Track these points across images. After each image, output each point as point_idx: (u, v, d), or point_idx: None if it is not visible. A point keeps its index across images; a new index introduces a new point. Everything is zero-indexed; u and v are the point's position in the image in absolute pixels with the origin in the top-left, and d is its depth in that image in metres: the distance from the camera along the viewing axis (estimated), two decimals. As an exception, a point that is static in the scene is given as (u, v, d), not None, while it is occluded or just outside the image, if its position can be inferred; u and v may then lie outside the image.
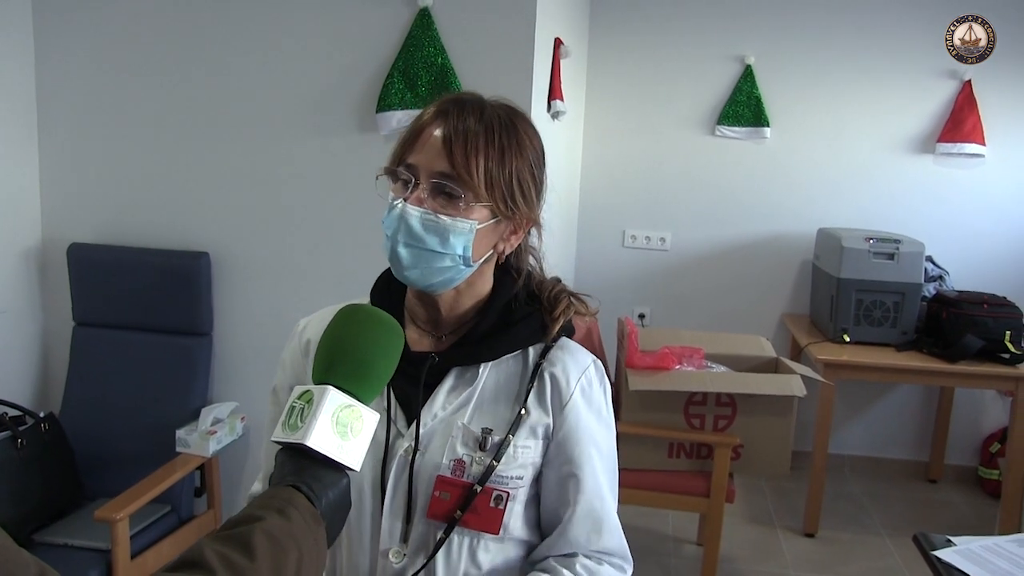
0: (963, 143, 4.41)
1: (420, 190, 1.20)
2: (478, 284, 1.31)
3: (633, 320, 4.62)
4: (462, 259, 1.23)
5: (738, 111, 4.56)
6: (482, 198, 1.21)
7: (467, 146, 1.20)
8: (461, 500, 1.25)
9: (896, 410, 4.75)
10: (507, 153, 1.23)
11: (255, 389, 3.15)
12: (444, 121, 1.22)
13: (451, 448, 1.26)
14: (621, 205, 4.74)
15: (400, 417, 1.29)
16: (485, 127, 1.22)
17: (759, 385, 3.13)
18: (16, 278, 3.15)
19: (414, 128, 1.24)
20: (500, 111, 1.26)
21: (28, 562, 0.73)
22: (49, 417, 2.91)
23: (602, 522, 1.31)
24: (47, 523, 2.77)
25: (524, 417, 1.28)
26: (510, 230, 1.29)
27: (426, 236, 1.20)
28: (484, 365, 1.31)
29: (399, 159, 1.24)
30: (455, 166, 1.19)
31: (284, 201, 3.12)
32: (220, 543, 0.87)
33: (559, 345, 1.34)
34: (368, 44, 2.97)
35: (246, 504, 1.43)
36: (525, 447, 1.28)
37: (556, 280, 1.40)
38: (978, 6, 4.36)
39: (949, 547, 1.99)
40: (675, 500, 3.20)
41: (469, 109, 1.24)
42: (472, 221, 1.21)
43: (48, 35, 3.11)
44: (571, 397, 1.30)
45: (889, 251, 4.01)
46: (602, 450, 1.33)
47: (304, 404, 1.03)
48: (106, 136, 3.16)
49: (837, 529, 4.06)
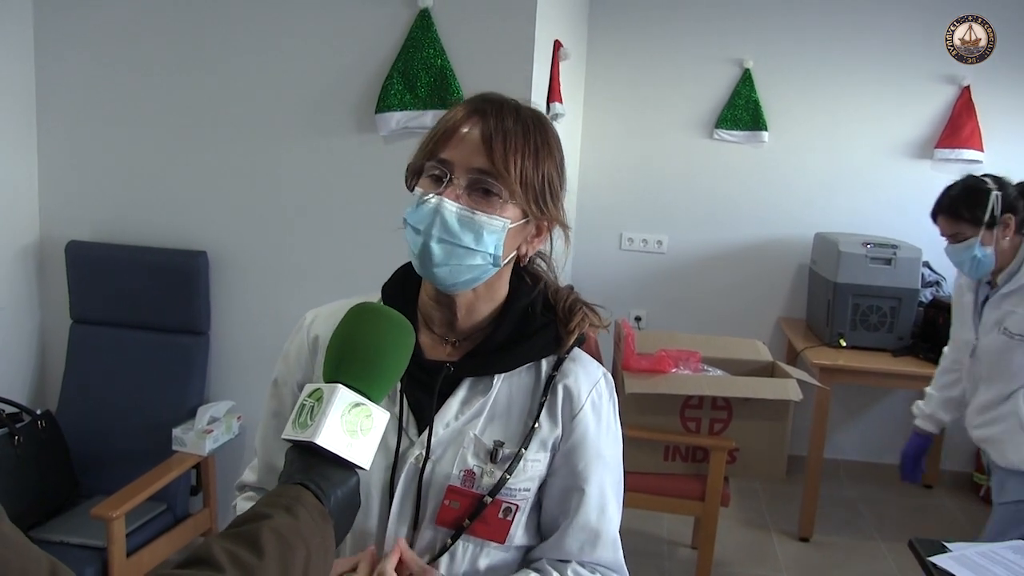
0: (961, 149, 4.42)
1: (456, 186, 1.19)
2: (496, 287, 1.30)
3: (630, 323, 4.63)
4: (492, 258, 1.22)
5: (736, 115, 4.57)
6: (517, 197, 1.21)
7: (506, 144, 1.19)
8: (470, 510, 1.25)
9: (892, 415, 4.74)
10: (540, 153, 1.23)
11: (252, 388, 3.15)
12: (482, 119, 1.21)
13: (462, 458, 1.25)
14: (618, 207, 4.74)
15: (412, 425, 1.28)
16: (522, 127, 1.22)
17: (755, 389, 3.14)
18: (14, 275, 3.14)
19: (447, 125, 1.23)
20: (530, 113, 1.26)
21: (40, 557, 0.73)
22: (46, 415, 2.91)
23: (598, 536, 1.31)
24: (43, 520, 2.77)
25: (536, 431, 1.28)
26: (533, 232, 1.29)
27: (461, 232, 1.19)
28: (498, 376, 1.30)
29: (430, 154, 1.23)
30: (494, 163, 1.18)
31: (283, 201, 3.12)
32: (228, 541, 0.87)
33: (571, 357, 1.34)
34: (368, 45, 2.97)
35: (236, 490, 1.44)
36: (535, 460, 1.28)
37: (570, 288, 1.39)
38: (978, 6, 4.37)
39: (945, 553, 2.00)
40: (670, 503, 3.20)
41: (507, 109, 1.23)
42: (505, 219, 1.21)
43: (48, 32, 3.11)
44: (581, 409, 1.30)
45: (886, 256, 4.02)
46: (608, 464, 1.33)
47: (314, 402, 1.02)
48: (105, 134, 3.16)
49: (832, 533, 4.07)
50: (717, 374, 3.28)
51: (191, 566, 0.83)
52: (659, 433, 3.15)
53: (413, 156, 1.28)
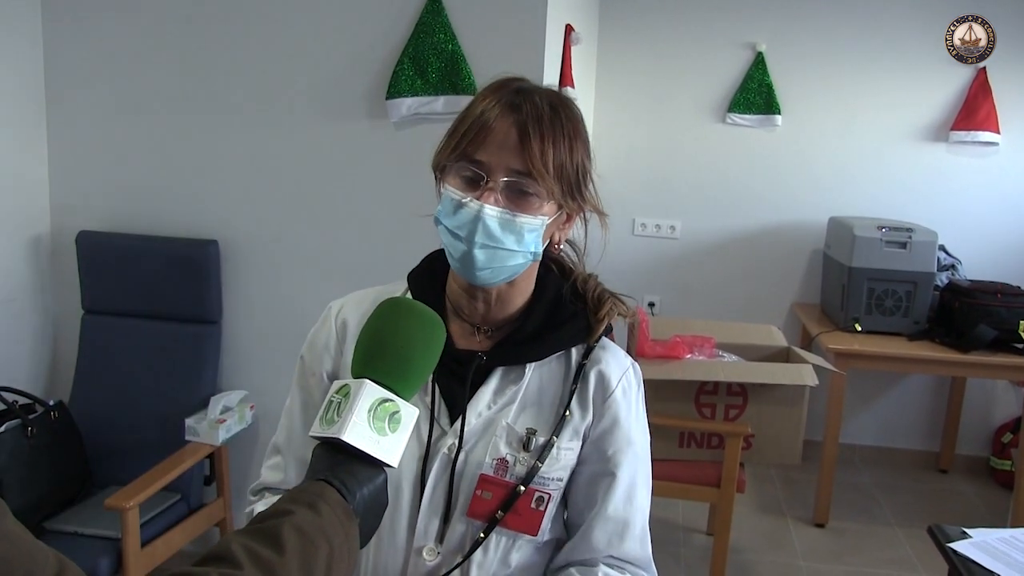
0: (977, 131, 4.37)
1: (493, 189, 1.16)
2: (528, 275, 1.28)
3: (643, 309, 4.61)
4: (532, 255, 1.22)
5: (749, 98, 4.53)
6: (554, 194, 1.19)
7: (543, 143, 1.16)
8: (503, 500, 1.23)
9: (907, 400, 4.73)
10: (574, 143, 1.20)
11: (264, 377, 3.15)
12: (515, 115, 1.17)
13: (494, 447, 1.24)
14: (631, 193, 4.71)
15: (444, 414, 1.27)
16: (554, 119, 1.19)
17: (771, 374, 3.12)
18: (25, 266, 3.14)
19: (478, 120, 1.18)
20: (558, 99, 1.22)
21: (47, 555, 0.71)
22: (59, 405, 2.91)
23: (626, 527, 1.29)
24: (57, 511, 2.77)
25: (568, 419, 1.27)
26: (564, 219, 1.27)
27: (503, 236, 1.17)
28: (529, 365, 1.29)
29: (462, 154, 1.19)
30: (533, 164, 1.16)
31: (294, 189, 3.10)
32: (248, 537, 0.85)
33: (601, 345, 1.33)
34: (378, 30, 2.95)
35: (250, 495, 1.40)
36: (568, 449, 1.27)
37: (597, 279, 1.37)
38: (980, 6, 4.34)
39: (965, 539, 1.98)
40: (685, 490, 3.18)
41: (539, 101, 1.19)
42: (544, 217, 1.20)
43: (57, 22, 3.10)
44: (612, 394, 1.29)
45: (901, 240, 3.98)
46: (638, 453, 1.31)
47: (341, 398, 1.00)
48: (114, 123, 3.14)
49: (847, 519, 4.05)
50: (732, 360, 3.25)
51: (209, 563, 0.81)
52: (674, 419, 3.13)
53: (440, 149, 1.24)
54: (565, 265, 1.36)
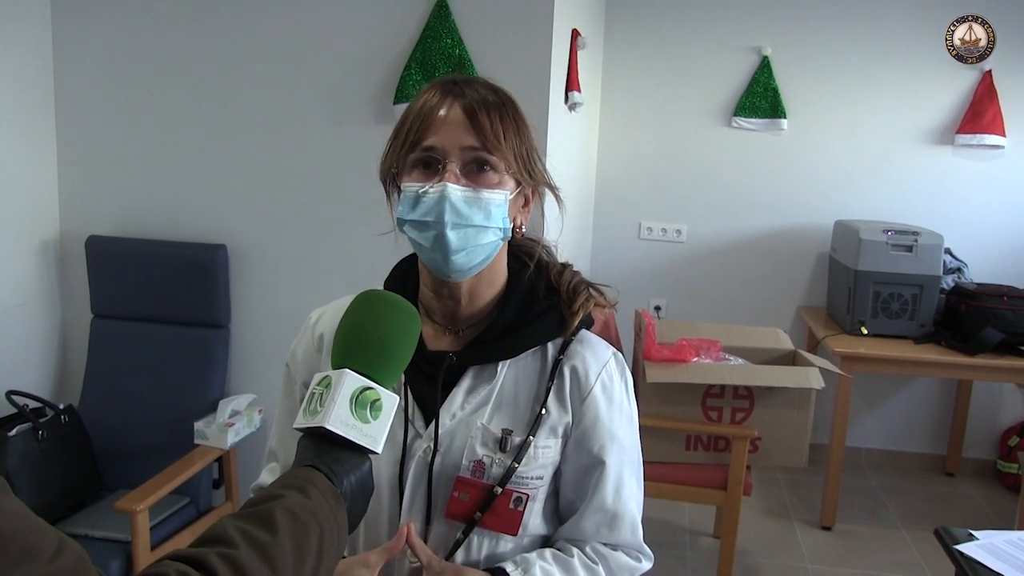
0: (983, 134, 4.37)
1: (451, 169, 1.18)
2: (496, 268, 1.28)
3: (649, 312, 4.62)
4: (502, 232, 1.22)
5: (755, 103, 4.54)
6: (511, 167, 1.20)
7: (491, 117, 1.18)
8: (481, 501, 1.23)
9: (913, 403, 4.72)
10: (519, 123, 1.23)
11: (273, 381, 3.15)
12: (458, 98, 1.20)
13: (470, 449, 1.24)
14: (637, 197, 4.72)
15: (418, 417, 1.27)
16: (497, 100, 1.21)
17: (777, 378, 3.12)
18: (35, 271, 3.16)
19: (423, 111, 1.20)
20: (494, 85, 1.26)
21: (47, 531, 0.72)
22: (68, 409, 2.93)
23: (616, 517, 1.29)
24: (67, 514, 2.79)
25: (544, 417, 1.26)
26: (522, 202, 1.28)
27: (471, 213, 1.18)
28: (502, 363, 1.28)
29: (412, 146, 1.20)
30: (486, 136, 1.17)
31: (302, 193, 3.12)
32: (241, 520, 0.88)
33: (578, 339, 1.31)
34: (385, 35, 2.96)
35: (251, 494, 1.42)
36: (545, 447, 1.26)
37: (573, 270, 1.36)
38: (980, 7, 4.34)
39: (971, 541, 1.98)
40: (692, 493, 3.19)
41: (477, 84, 1.23)
42: (505, 191, 1.21)
43: (66, 27, 3.12)
44: (590, 392, 1.28)
45: (907, 243, 3.98)
46: (623, 445, 1.31)
47: (323, 389, 1.03)
48: (123, 128, 3.16)
49: (854, 522, 4.05)
50: (738, 363, 3.26)
51: (205, 544, 0.84)
52: (680, 422, 3.13)
53: (387, 154, 1.27)
54: (541, 260, 1.34)
